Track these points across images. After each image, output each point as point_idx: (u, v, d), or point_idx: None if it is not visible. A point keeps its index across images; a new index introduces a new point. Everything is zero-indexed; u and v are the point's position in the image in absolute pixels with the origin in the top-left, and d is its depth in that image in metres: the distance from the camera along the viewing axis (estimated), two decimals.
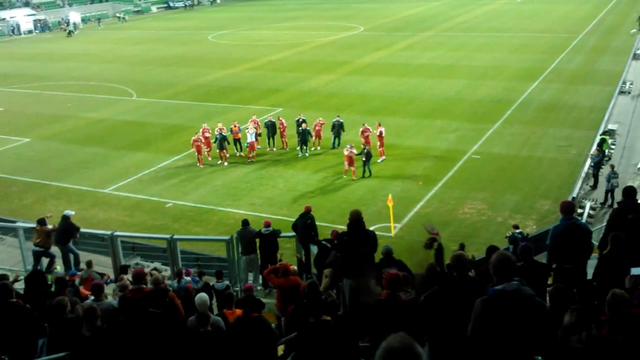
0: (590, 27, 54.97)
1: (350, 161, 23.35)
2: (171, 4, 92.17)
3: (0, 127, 33.68)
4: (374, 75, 41.18)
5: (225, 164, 26.01)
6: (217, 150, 26.05)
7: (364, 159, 23.47)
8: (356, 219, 8.85)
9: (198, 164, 25.95)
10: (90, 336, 7.61)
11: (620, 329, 5.82)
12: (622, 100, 32.86)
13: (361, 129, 25.60)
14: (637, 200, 9.46)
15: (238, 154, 27.04)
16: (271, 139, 27.41)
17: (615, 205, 9.75)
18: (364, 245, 9.05)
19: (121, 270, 12.51)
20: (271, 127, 27.21)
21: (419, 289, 7.12)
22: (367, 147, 23.72)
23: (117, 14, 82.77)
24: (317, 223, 15.48)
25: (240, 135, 26.71)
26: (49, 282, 10.18)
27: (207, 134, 26.31)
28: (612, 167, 21.12)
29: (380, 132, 25.05)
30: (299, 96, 36.78)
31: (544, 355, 5.61)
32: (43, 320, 7.91)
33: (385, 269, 8.82)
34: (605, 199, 20.47)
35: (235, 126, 26.97)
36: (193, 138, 26.08)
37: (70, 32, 69.00)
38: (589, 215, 19.48)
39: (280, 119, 27.62)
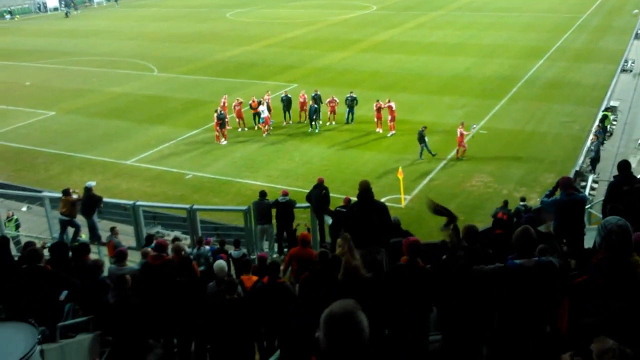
0: (594, 7, 53.95)
1: (462, 139, 22.24)
2: None
3: (28, 101, 33.56)
4: (385, 52, 40.53)
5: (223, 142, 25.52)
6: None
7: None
8: (365, 190, 8.60)
9: (223, 140, 25.54)
10: (115, 303, 7.55)
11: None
12: (624, 78, 32.46)
13: (375, 104, 25.28)
14: (631, 172, 9.47)
15: (256, 127, 26.82)
16: (287, 113, 27.14)
17: (611, 179, 9.71)
18: (373, 216, 8.82)
19: (146, 240, 12.43)
20: (286, 102, 26.91)
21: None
22: (422, 129, 22.50)
23: None
24: (332, 194, 15.33)
25: (259, 109, 26.39)
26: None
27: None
28: (597, 136, 21.08)
29: (390, 107, 24.68)
30: (314, 72, 36.30)
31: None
32: (71, 284, 7.83)
33: (394, 239, 8.66)
34: (593, 167, 20.73)
35: (254, 101, 26.67)
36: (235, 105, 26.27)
37: (67, 13, 67.26)
38: (591, 188, 19.21)
39: (303, 93, 27.22)
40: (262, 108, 25.82)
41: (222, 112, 25.52)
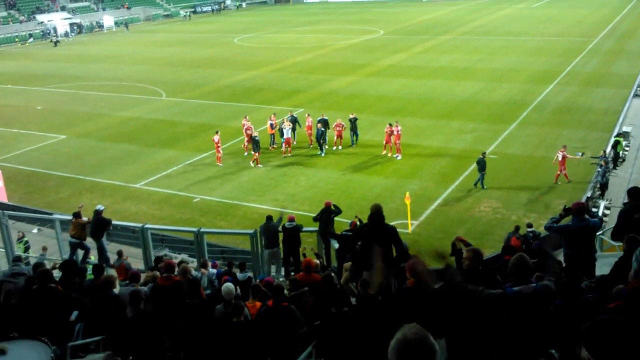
0: (605, 31, 54.23)
1: (563, 163, 22.12)
2: (198, 9, 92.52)
3: (39, 125, 34.24)
4: (393, 77, 41.03)
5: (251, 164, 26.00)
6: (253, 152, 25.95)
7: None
8: (376, 212, 8.84)
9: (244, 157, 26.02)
10: (133, 317, 7.77)
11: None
12: (637, 103, 32.34)
13: (387, 128, 25.53)
14: None
15: (270, 148, 27.31)
16: (293, 133, 27.64)
17: (622, 206, 9.75)
18: (383, 239, 9.02)
19: (155, 262, 12.69)
20: (293, 123, 27.45)
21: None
22: (482, 155, 22.12)
23: (183, 13, 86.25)
24: (337, 218, 15.57)
25: (274, 130, 26.83)
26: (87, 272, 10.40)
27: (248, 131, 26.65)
28: (606, 162, 21.15)
29: (397, 131, 25.05)
30: (320, 97, 36.80)
31: (559, 348, 5.59)
32: (82, 304, 8.07)
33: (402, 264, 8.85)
34: (602, 193, 20.75)
35: (271, 120, 27.34)
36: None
37: (56, 42, 67.32)
38: (603, 215, 19.24)
39: (309, 116, 27.69)
40: (287, 129, 26.32)
41: (256, 136, 25.86)
